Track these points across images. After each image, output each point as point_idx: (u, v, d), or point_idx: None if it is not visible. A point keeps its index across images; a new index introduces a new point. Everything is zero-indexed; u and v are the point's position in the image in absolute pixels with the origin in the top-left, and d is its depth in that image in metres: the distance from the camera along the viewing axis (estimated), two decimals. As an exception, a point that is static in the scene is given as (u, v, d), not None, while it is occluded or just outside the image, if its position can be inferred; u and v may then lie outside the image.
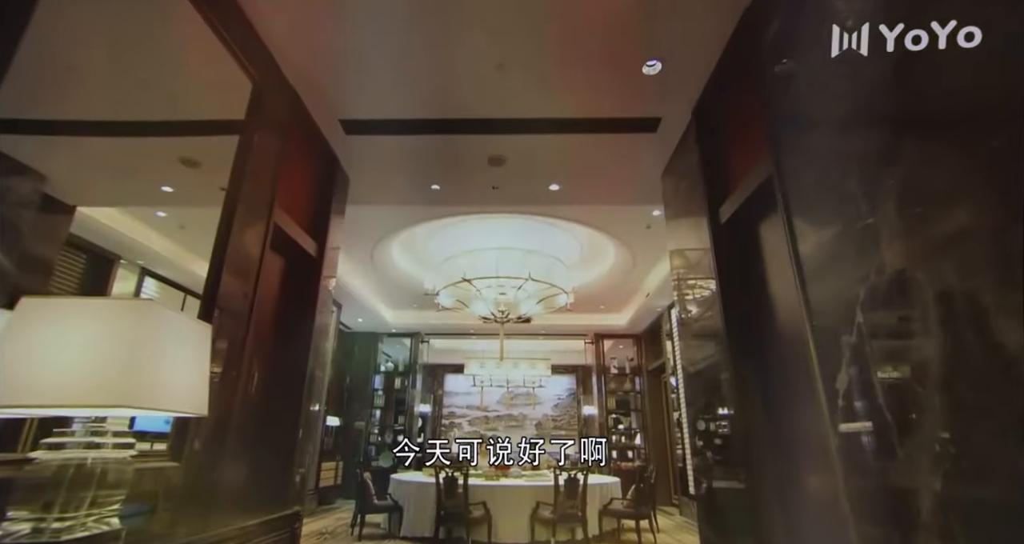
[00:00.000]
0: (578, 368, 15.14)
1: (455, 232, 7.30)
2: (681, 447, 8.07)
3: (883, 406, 1.60)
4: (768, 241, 2.80)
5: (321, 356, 3.82)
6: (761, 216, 2.80)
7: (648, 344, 10.60)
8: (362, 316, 9.93)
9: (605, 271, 8.37)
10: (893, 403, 1.57)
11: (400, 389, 11.09)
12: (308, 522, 6.91)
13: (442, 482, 5.11)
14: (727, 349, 2.84)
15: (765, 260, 2.84)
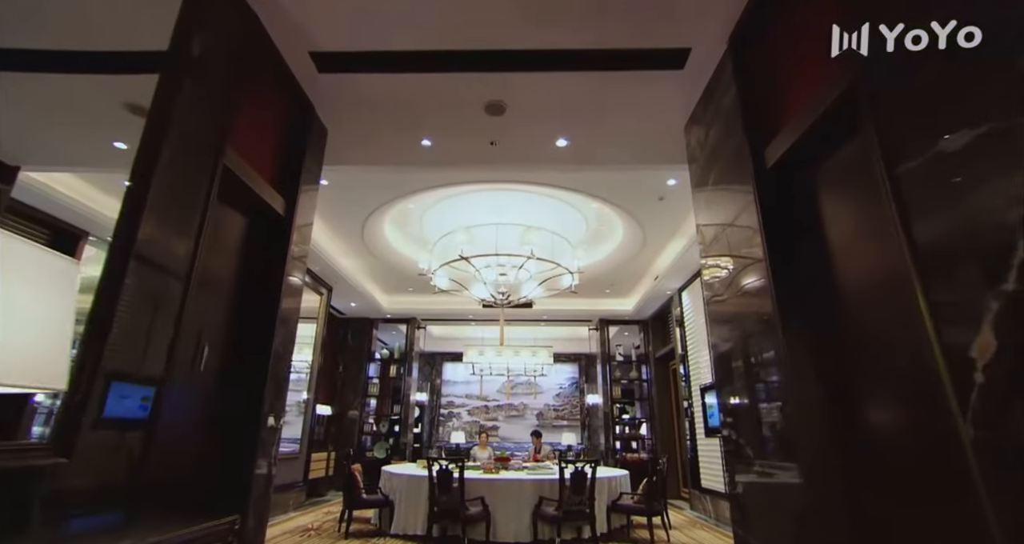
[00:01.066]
0: (581, 356, 14.67)
1: (451, 207, 6.77)
2: (691, 437, 7.59)
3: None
4: (832, 183, 2.27)
5: (291, 333, 3.29)
6: (822, 154, 2.26)
7: (655, 331, 10.10)
8: (355, 300, 9.42)
9: (612, 251, 7.84)
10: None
11: (396, 377, 10.61)
12: (294, 516, 6.44)
13: (435, 476, 4.62)
14: (777, 320, 2.32)
15: (825, 209, 2.31)
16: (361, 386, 10.20)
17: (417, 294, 10.06)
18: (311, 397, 7.70)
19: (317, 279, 7.83)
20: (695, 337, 7.54)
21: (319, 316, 7.97)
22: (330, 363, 10.14)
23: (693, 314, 7.68)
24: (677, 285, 8.14)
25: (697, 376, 7.48)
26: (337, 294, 8.80)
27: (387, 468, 5.93)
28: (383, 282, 9.39)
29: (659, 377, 9.85)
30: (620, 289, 9.53)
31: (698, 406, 7.36)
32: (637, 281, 9.08)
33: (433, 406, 14.54)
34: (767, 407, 2.46)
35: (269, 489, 3.23)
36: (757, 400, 2.59)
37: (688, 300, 7.90)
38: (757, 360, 2.55)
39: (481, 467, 6.13)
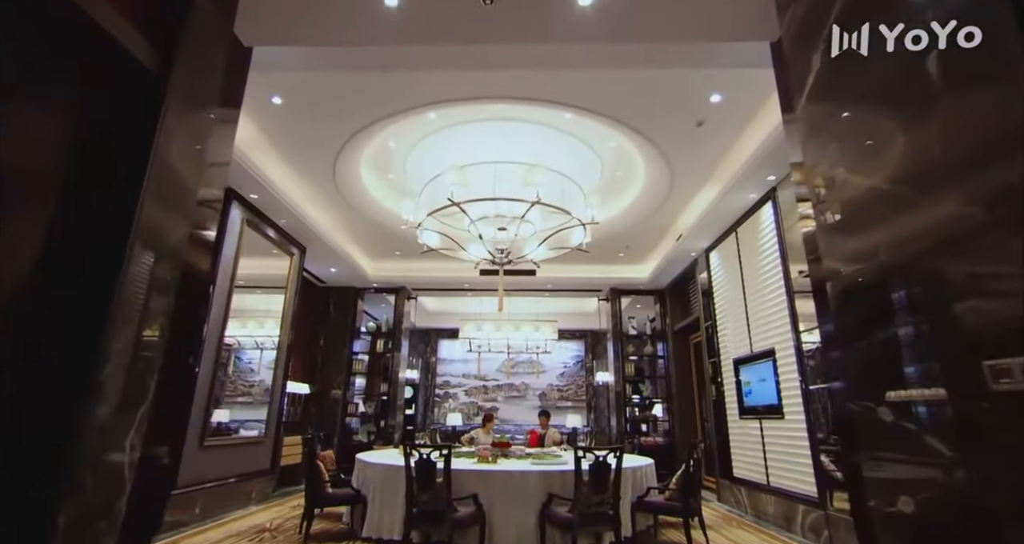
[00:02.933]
0: (587, 333, 13.63)
1: (440, 145, 5.62)
2: (719, 419, 6.54)
3: None
4: None
5: (171, 261, 2.19)
6: None
7: (674, 301, 9.00)
8: (335, 265, 8.31)
9: (629, 204, 6.70)
10: None
11: (384, 353, 9.55)
12: (254, 512, 5.42)
13: (414, 467, 3.56)
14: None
15: None
16: (344, 363, 9.15)
17: (406, 259, 8.95)
18: (280, 374, 6.63)
19: (285, 235, 6.70)
20: (727, 304, 6.44)
21: (289, 282, 6.86)
22: (308, 337, 9.07)
23: (724, 277, 6.57)
24: (704, 245, 7.01)
25: (728, 349, 6.41)
26: (313, 257, 7.68)
27: (362, 456, 4.88)
28: (366, 244, 8.26)
29: (678, 352, 8.78)
30: (636, 252, 8.40)
31: (730, 383, 6.30)
32: (656, 242, 7.95)
33: (428, 386, 13.54)
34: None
35: (159, 502, 2.15)
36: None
37: (718, 262, 6.79)
38: (962, 283, 1.43)
39: (476, 454, 5.08)
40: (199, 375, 4.79)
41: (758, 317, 5.53)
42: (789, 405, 4.85)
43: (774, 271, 5.16)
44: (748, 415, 5.76)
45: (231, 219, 5.31)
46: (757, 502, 5.41)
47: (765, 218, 5.37)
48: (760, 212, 5.49)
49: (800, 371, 4.63)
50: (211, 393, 5.00)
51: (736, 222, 6.07)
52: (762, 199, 5.38)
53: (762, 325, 5.43)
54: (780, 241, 5.02)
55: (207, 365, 4.95)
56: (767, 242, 5.31)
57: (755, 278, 5.62)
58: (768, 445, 5.26)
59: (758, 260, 5.53)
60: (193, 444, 4.70)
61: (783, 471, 4.91)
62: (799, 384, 4.63)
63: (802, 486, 4.55)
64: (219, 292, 5.13)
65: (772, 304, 5.20)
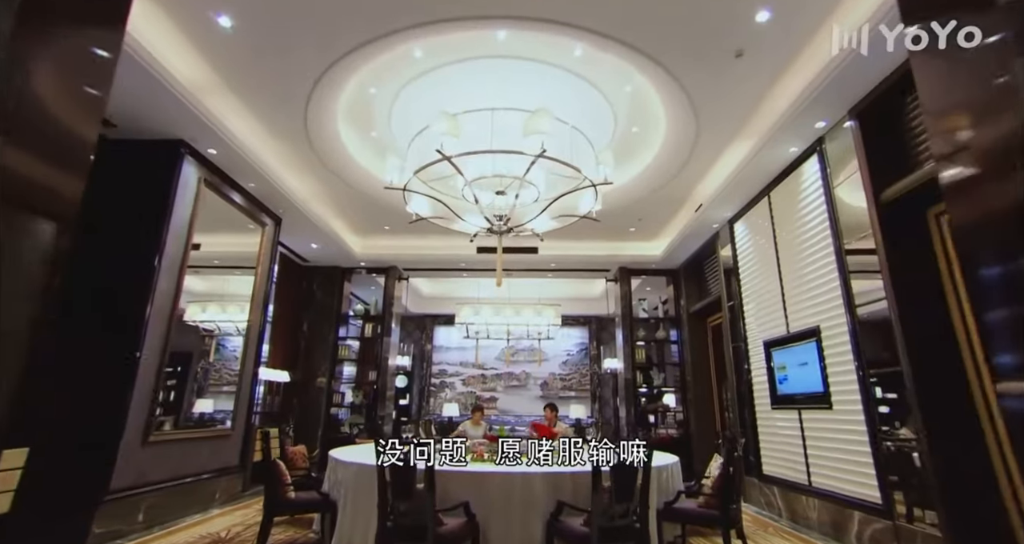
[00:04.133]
0: (591, 319, 12.89)
1: (428, 91, 4.85)
2: (746, 409, 5.81)
3: None
4: None
5: (54, 224, 1.39)
6: None
7: (689, 281, 8.24)
8: (316, 240, 7.54)
9: (644, 168, 5.93)
10: None
11: (374, 338, 8.81)
12: (214, 516, 4.70)
13: (387, 470, 2.82)
14: None
15: None
16: (330, 349, 8.41)
17: (396, 236, 8.18)
18: (251, 359, 5.89)
19: (255, 202, 5.92)
20: (755, 279, 5.69)
21: (261, 255, 6.09)
22: (290, 320, 8.34)
23: (752, 250, 5.81)
24: (728, 214, 6.24)
25: (756, 330, 5.66)
26: (290, 230, 6.92)
27: (336, 452, 4.14)
28: (351, 217, 7.49)
29: (693, 337, 8.03)
30: (649, 226, 7.63)
31: (759, 369, 5.56)
32: (672, 214, 7.17)
33: (423, 375, 12.83)
34: None
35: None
36: None
37: (744, 233, 6.02)
38: None
39: (470, 450, 4.35)
40: (141, 361, 4.04)
41: (797, 292, 4.78)
42: (840, 393, 4.10)
43: (819, 237, 4.40)
44: (783, 405, 5.03)
45: (183, 177, 4.54)
46: (794, 505, 4.69)
47: (808, 176, 4.59)
48: (801, 170, 4.71)
49: (856, 353, 3.88)
50: (158, 381, 4.25)
51: (769, 184, 5.29)
52: (805, 153, 4.60)
53: (802, 301, 4.68)
54: (829, 201, 4.25)
55: (153, 349, 4.20)
56: (811, 203, 4.54)
57: (793, 247, 4.86)
58: (810, 440, 4.53)
59: (797, 226, 4.76)
60: (133, 441, 3.96)
61: (831, 470, 4.18)
62: (854, 368, 3.88)
63: (858, 489, 3.82)
64: (168, 263, 4.37)
65: (816, 276, 4.44)
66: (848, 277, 4.01)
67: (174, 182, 4.41)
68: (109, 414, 3.76)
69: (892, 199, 3.48)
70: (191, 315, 5.56)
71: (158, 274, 4.22)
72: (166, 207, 4.33)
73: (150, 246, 4.21)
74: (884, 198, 3.51)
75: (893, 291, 3.34)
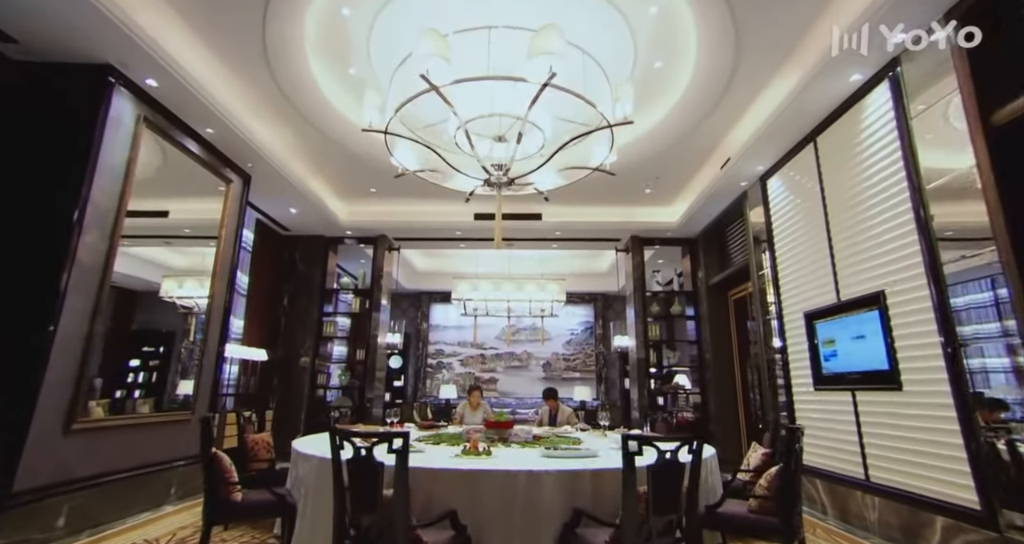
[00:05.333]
0: (597, 296, 12.15)
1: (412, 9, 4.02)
2: (780, 389, 5.10)
3: None
4: None
5: None
6: None
7: (709, 251, 7.46)
8: (295, 204, 6.75)
9: (667, 112, 5.12)
10: None
11: (362, 314, 8.07)
12: (165, 515, 4.01)
13: (346, 468, 2.09)
14: None
15: None
16: (313, 325, 7.68)
17: (384, 200, 7.39)
18: (215, 335, 5.16)
19: (215, 153, 5.12)
20: (794, 242, 4.92)
21: (225, 217, 5.30)
22: (269, 294, 7.60)
23: (790, 208, 5.02)
24: (761, 168, 5.43)
25: (794, 301, 4.91)
26: (263, 190, 6.12)
27: (298, 442, 3.42)
28: (332, 176, 6.68)
29: (713, 312, 7.29)
30: (665, 189, 6.82)
31: (797, 344, 4.83)
32: (695, 171, 6.36)
33: (418, 356, 12.15)
34: None
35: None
36: None
37: (780, 190, 5.22)
38: None
39: (463, 439, 3.64)
40: (60, 330, 3.29)
41: (852, 253, 4.01)
42: (914, 371, 3.36)
43: (887, 183, 3.61)
44: (830, 385, 4.29)
45: (115, 113, 3.72)
46: (846, 502, 3.99)
47: (874, 110, 3.77)
48: (864, 105, 3.89)
49: (940, 323, 3.12)
50: (86, 357, 3.50)
51: (816, 128, 4.48)
52: (871, 81, 3.77)
53: (859, 263, 3.91)
54: (904, 137, 3.44)
55: (79, 315, 3.45)
56: (876, 143, 3.73)
57: (847, 200, 4.07)
58: (868, 426, 3.81)
59: (855, 173, 3.97)
60: (49, 429, 3.23)
61: (899, 464, 3.47)
62: (938, 342, 3.13)
63: (941, 488, 3.10)
64: (95, 217, 3.59)
65: (882, 231, 3.66)
66: (930, 229, 3.23)
67: (100, 118, 3.60)
68: (10, 400, 3.03)
69: (1005, 122, 2.68)
70: (167, 290, 4.90)
71: (79, 231, 3.44)
72: (90, 149, 3.53)
73: (67, 197, 3.43)
74: (995, 121, 2.72)
75: (1008, 236, 2.57)
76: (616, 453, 3.13)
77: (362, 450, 2.04)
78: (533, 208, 7.48)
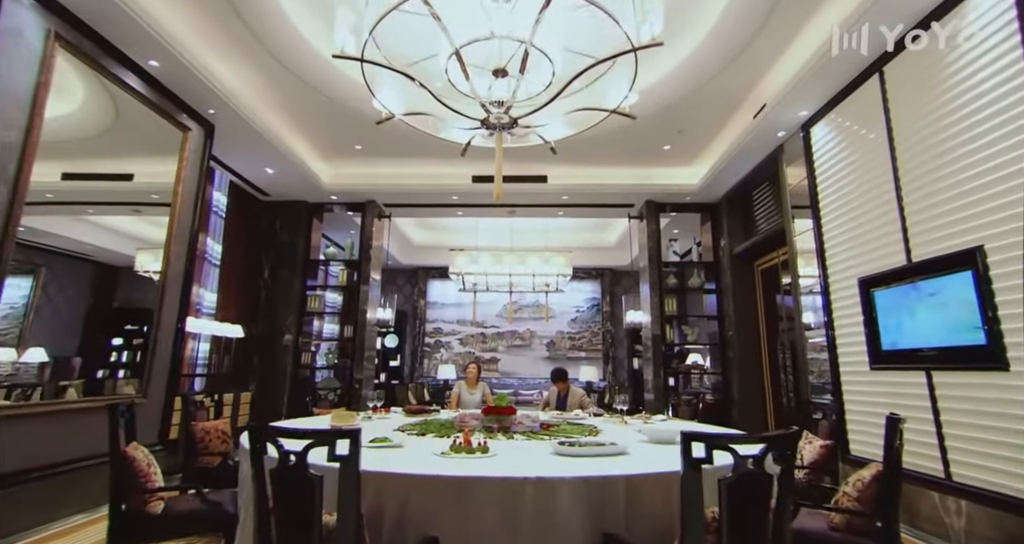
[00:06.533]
0: (604, 272, 11.44)
1: None
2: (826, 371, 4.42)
3: None
4: None
5: None
6: None
7: (733, 217, 6.72)
8: (271, 163, 6.00)
9: (696, 47, 4.33)
10: None
11: (350, 288, 7.38)
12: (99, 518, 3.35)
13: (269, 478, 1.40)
14: None
15: None
16: (295, 299, 7.00)
17: (371, 160, 6.63)
18: (172, 309, 4.47)
19: (165, 94, 4.35)
20: (847, 197, 4.17)
21: (182, 172, 4.55)
22: (246, 265, 6.90)
23: (842, 158, 4.26)
24: (806, 112, 4.65)
25: (843, 266, 4.19)
26: (229, 143, 5.37)
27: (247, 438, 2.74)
28: (310, 130, 5.91)
29: (738, 284, 6.58)
30: (688, 143, 6.04)
31: (848, 316, 4.12)
32: (722, 123, 5.58)
33: (416, 334, 11.50)
34: None
35: None
36: None
37: (829, 137, 4.45)
38: None
39: (455, 427, 2.97)
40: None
41: (934, 204, 3.27)
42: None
43: (995, 108, 2.85)
44: (892, 364, 3.60)
45: (8, 21, 2.95)
46: (916, 504, 3.32)
47: (980, 14, 2.98)
48: (963, 8, 3.08)
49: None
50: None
51: (882, 57, 3.68)
52: (971, -19, 2.98)
53: (943, 215, 3.18)
54: None
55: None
56: (980, 59, 2.95)
57: (928, 139, 3.31)
58: (950, 413, 3.12)
59: (941, 103, 3.20)
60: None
61: (1000, 461, 2.78)
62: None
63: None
64: (-5, 151, 2.86)
65: (979, 172, 2.92)
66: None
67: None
68: None
69: None
70: (142, 264, 4.35)
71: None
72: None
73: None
74: None
75: None
76: (649, 448, 2.45)
77: (291, 456, 1.34)
78: (538, 170, 6.73)
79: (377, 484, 1.79)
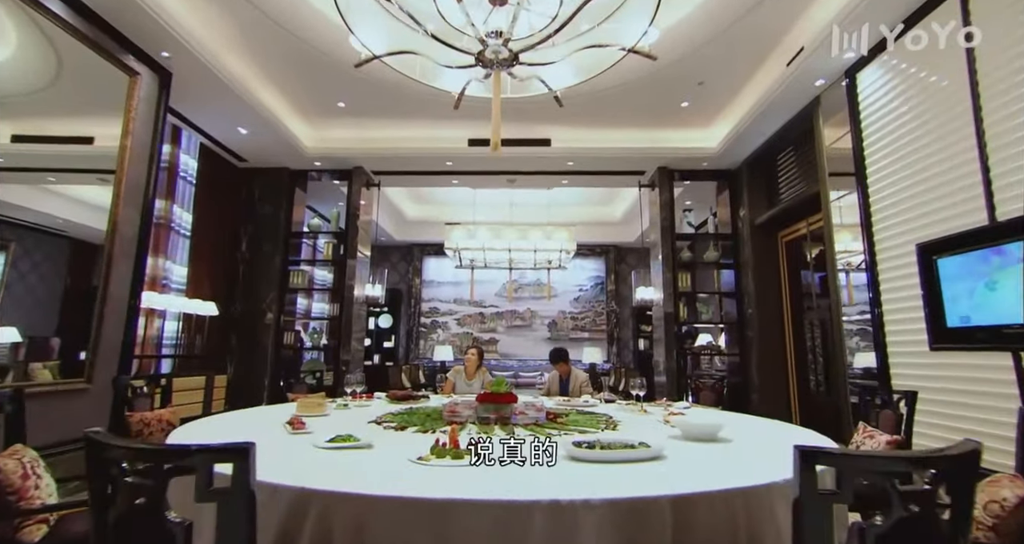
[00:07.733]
0: (609, 248, 10.85)
1: None
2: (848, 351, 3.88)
3: None
4: None
5: None
6: None
7: (754, 185, 6.12)
8: (242, 121, 5.37)
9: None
10: None
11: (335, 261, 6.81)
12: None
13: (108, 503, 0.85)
14: None
15: None
16: (276, 274, 6.44)
17: (357, 121, 6.00)
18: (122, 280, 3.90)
19: (104, 27, 3.71)
20: (899, 152, 3.58)
21: (131, 123, 3.93)
22: (220, 236, 6.32)
23: (897, 107, 3.65)
24: (852, 55, 4.00)
25: (902, 229, 3.62)
26: (191, 95, 4.75)
27: (183, 429, 2.20)
28: (285, 83, 5.25)
29: (760, 258, 6.01)
30: (708, 100, 5.40)
31: (901, 289, 3.56)
32: (750, 73, 4.94)
33: (411, 314, 10.96)
34: None
35: None
36: None
37: (883, 81, 3.83)
38: None
39: (443, 418, 2.43)
40: None
41: (1027, 146, 2.67)
42: None
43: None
44: (963, 343, 3.03)
45: None
46: (993, 507, 2.79)
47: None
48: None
49: None
50: None
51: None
52: None
53: (1042, 159, 2.59)
54: None
55: None
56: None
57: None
58: (1045, 402, 2.57)
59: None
60: None
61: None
62: None
63: None
64: None
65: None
66: None
67: None
68: None
69: None
70: None
71: None
72: None
73: None
74: None
75: None
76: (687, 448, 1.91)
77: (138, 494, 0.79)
78: (541, 132, 6.11)
79: (321, 508, 1.24)
